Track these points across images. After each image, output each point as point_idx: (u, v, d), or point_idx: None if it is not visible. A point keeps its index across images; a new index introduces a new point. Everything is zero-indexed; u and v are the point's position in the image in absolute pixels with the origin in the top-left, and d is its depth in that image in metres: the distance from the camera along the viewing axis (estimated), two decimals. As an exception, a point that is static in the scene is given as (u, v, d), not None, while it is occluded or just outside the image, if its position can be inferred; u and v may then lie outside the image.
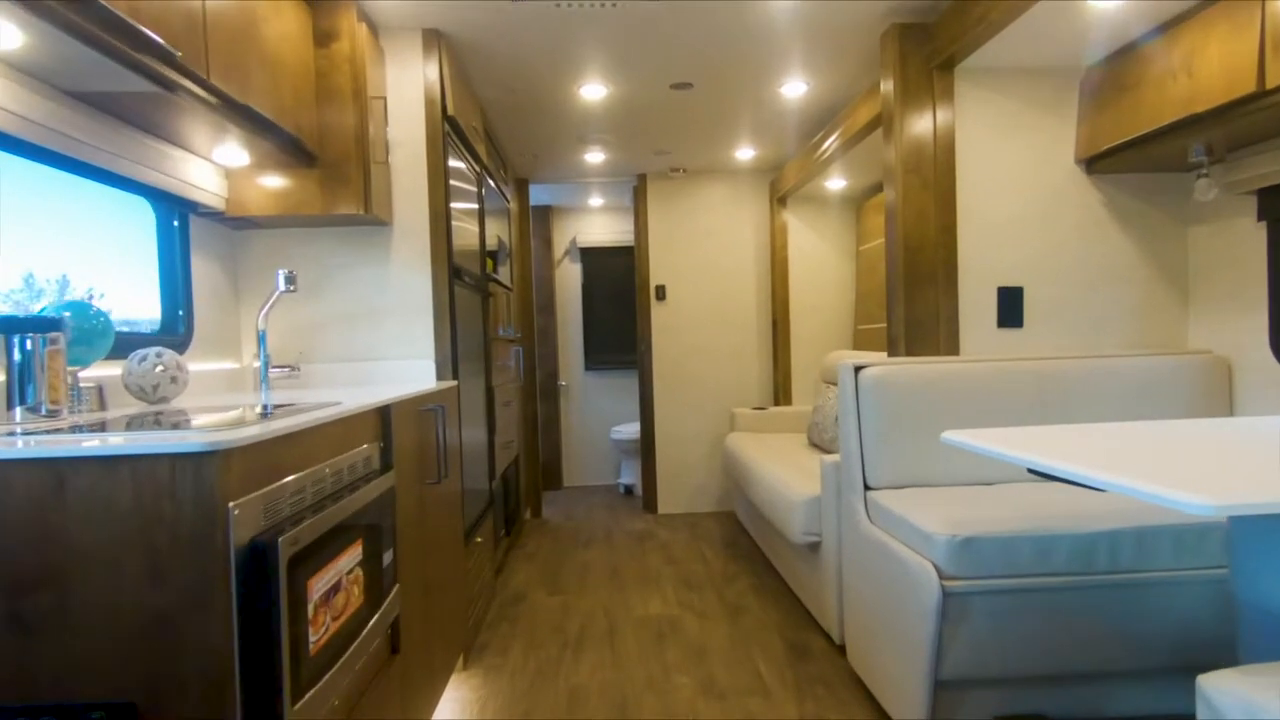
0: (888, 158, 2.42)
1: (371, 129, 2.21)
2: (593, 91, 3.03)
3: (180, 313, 2.06)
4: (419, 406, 1.94)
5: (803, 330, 4.50)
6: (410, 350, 2.42)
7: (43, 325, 1.31)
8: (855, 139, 3.12)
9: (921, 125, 2.35)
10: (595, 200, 5.36)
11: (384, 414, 1.66)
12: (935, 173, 2.34)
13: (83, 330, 1.48)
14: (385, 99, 2.30)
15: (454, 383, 2.39)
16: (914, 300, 2.35)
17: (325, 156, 2.15)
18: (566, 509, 4.85)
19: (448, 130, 2.48)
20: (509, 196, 4.02)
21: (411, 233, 2.41)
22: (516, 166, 4.29)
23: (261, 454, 1.05)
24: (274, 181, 2.15)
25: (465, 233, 2.78)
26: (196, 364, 2.09)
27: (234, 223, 2.28)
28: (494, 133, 3.55)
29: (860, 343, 4.25)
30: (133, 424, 1.23)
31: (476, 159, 3.00)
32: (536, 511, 4.65)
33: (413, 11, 2.29)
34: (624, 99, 3.15)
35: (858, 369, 2.24)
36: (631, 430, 5.05)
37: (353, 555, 1.34)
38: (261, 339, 2.22)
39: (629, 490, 5.27)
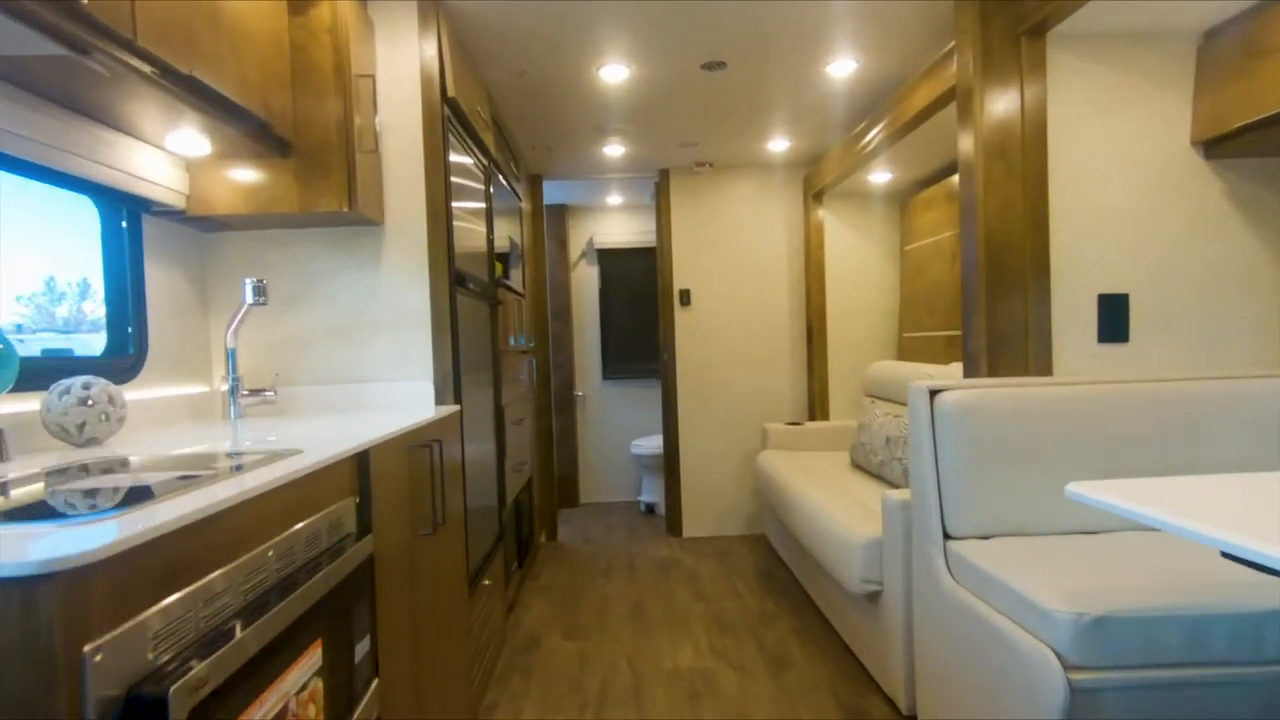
0: (964, 143, 2.05)
1: (357, 113, 1.88)
2: (613, 73, 2.69)
3: (130, 330, 1.74)
4: (411, 443, 1.60)
5: (841, 338, 4.13)
6: (405, 370, 2.08)
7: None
8: (907, 126, 2.75)
9: (1006, 103, 1.98)
10: (614, 198, 5.02)
11: (361, 462, 1.32)
12: (1023, 159, 1.97)
13: (-27, 361, 1.16)
14: (374, 77, 1.97)
15: (455, 408, 2.06)
16: (997, 310, 1.98)
17: (302, 145, 1.82)
18: (584, 530, 4.51)
19: (448, 115, 2.15)
20: (520, 194, 3.69)
21: (406, 233, 2.08)
22: (529, 162, 3.96)
23: (149, 559, 0.72)
24: (243, 175, 1.82)
25: (471, 234, 2.45)
26: (151, 390, 1.77)
27: (200, 224, 1.96)
28: (503, 123, 3.22)
29: (907, 352, 3.87)
30: None
31: (483, 150, 2.67)
32: (552, 534, 4.31)
33: (406, -25, 1.96)
34: (648, 81, 2.80)
35: (933, 392, 1.88)
36: (653, 444, 4.70)
37: (307, 664, 1.00)
38: (230, 359, 1.90)
39: (650, 509, 4.92)
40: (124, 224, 1.73)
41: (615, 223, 5.26)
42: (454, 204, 2.19)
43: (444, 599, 1.82)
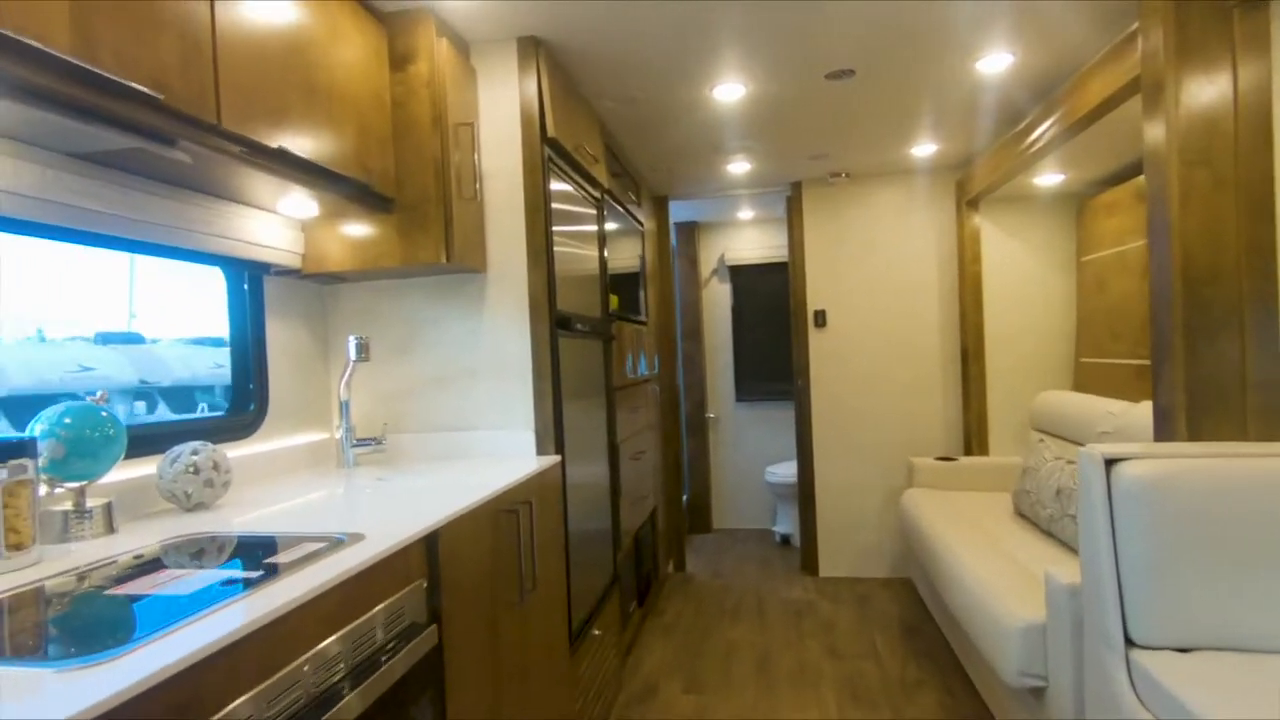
0: (1152, 144, 1.66)
1: (457, 161, 1.86)
2: (728, 92, 2.51)
3: (251, 387, 1.83)
4: (500, 507, 1.54)
5: (1002, 362, 3.64)
6: (507, 418, 2.04)
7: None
8: (1082, 123, 2.32)
9: (1211, 92, 1.57)
10: (745, 213, 4.81)
11: (430, 544, 1.26)
12: (1236, 164, 1.55)
13: (83, 441, 1.23)
14: (473, 125, 1.95)
15: (556, 459, 1.99)
16: (1201, 355, 1.57)
17: (403, 199, 1.83)
18: (715, 561, 4.33)
19: (549, 155, 2.09)
20: (642, 218, 3.60)
21: (507, 279, 2.04)
22: (652, 184, 3.87)
23: (151, 703, 0.67)
24: (351, 231, 1.86)
25: (581, 271, 2.38)
26: (271, 443, 1.85)
27: (318, 278, 2.04)
28: (620, 149, 3.14)
29: (1084, 380, 3.32)
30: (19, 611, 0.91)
31: (593, 183, 2.60)
32: (680, 564, 4.18)
33: (506, 17, 1.92)
34: (767, 98, 2.59)
35: (1110, 462, 1.52)
36: (788, 471, 4.43)
37: (345, 786, 0.94)
38: (344, 410, 1.95)
39: (785, 540, 4.65)
40: (245, 286, 1.82)
41: (747, 238, 5.05)
42: (561, 243, 2.13)
43: (539, 664, 1.75)
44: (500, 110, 2.03)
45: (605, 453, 2.62)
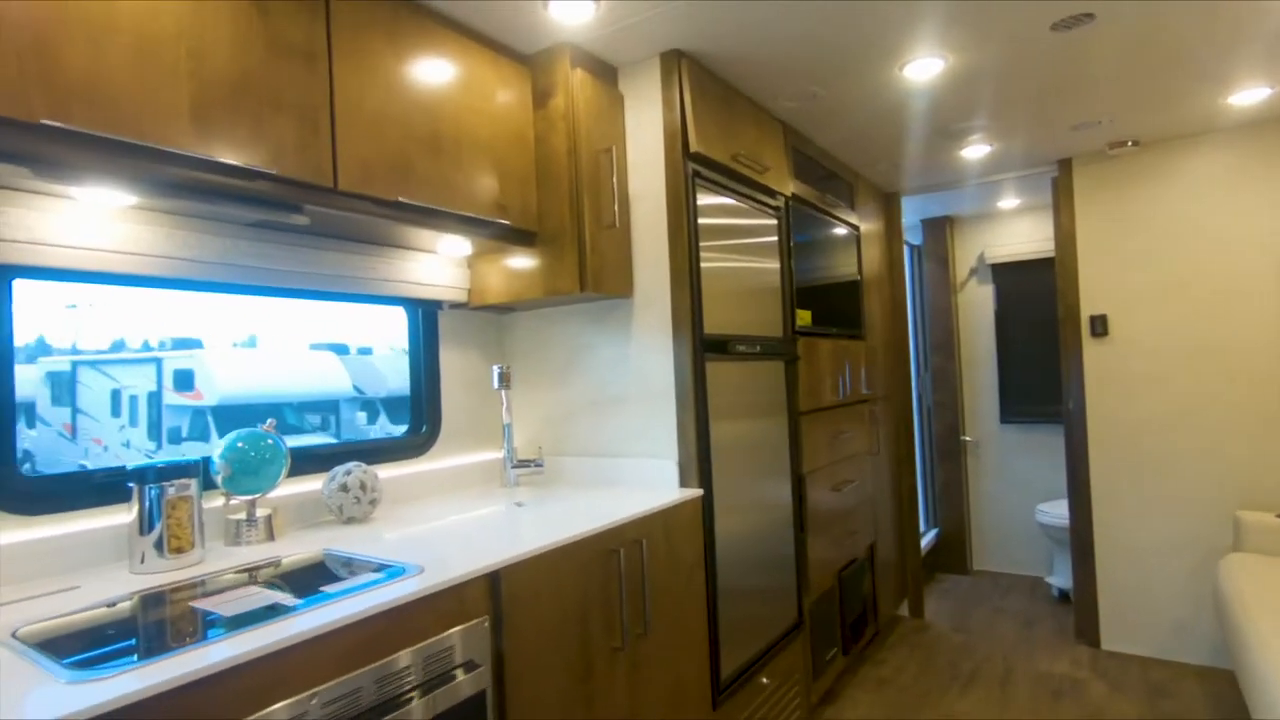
0: None
1: (590, 191, 1.87)
2: (922, 69, 2.14)
3: (425, 410, 2.05)
4: (606, 545, 1.49)
5: (1400, 384, 2.53)
6: (651, 446, 1.99)
7: (167, 473, 1.30)
8: None
9: None
10: (1007, 201, 4.07)
11: (493, 583, 1.26)
12: None
13: (250, 460, 1.48)
14: (613, 150, 1.93)
15: (695, 493, 1.87)
16: None
17: (544, 231, 1.89)
18: (963, 610, 3.73)
19: (696, 171, 1.98)
20: (858, 220, 3.25)
21: (651, 303, 1.98)
22: (875, 181, 3.47)
23: (153, 713, 0.76)
24: (505, 265, 1.98)
25: (751, 285, 2.22)
26: (442, 461, 2.05)
27: (488, 309, 2.21)
28: (816, 150, 2.87)
29: None
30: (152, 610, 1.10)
31: (765, 191, 2.40)
32: (917, 608, 3.68)
33: (649, 34, 1.87)
34: (972, 68, 2.15)
35: None
36: (1066, 511, 3.63)
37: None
38: (506, 433, 2.08)
39: (1065, 596, 3.81)
40: (420, 322, 2.05)
41: (1013, 230, 4.27)
42: (721, 260, 2.02)
43: (662, 710, 1.65)
44: (645, 131, 1.99)
45: (788, 482, 2.41)
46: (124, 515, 1.35)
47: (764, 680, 2.17)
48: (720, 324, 2.05)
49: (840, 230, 3.02)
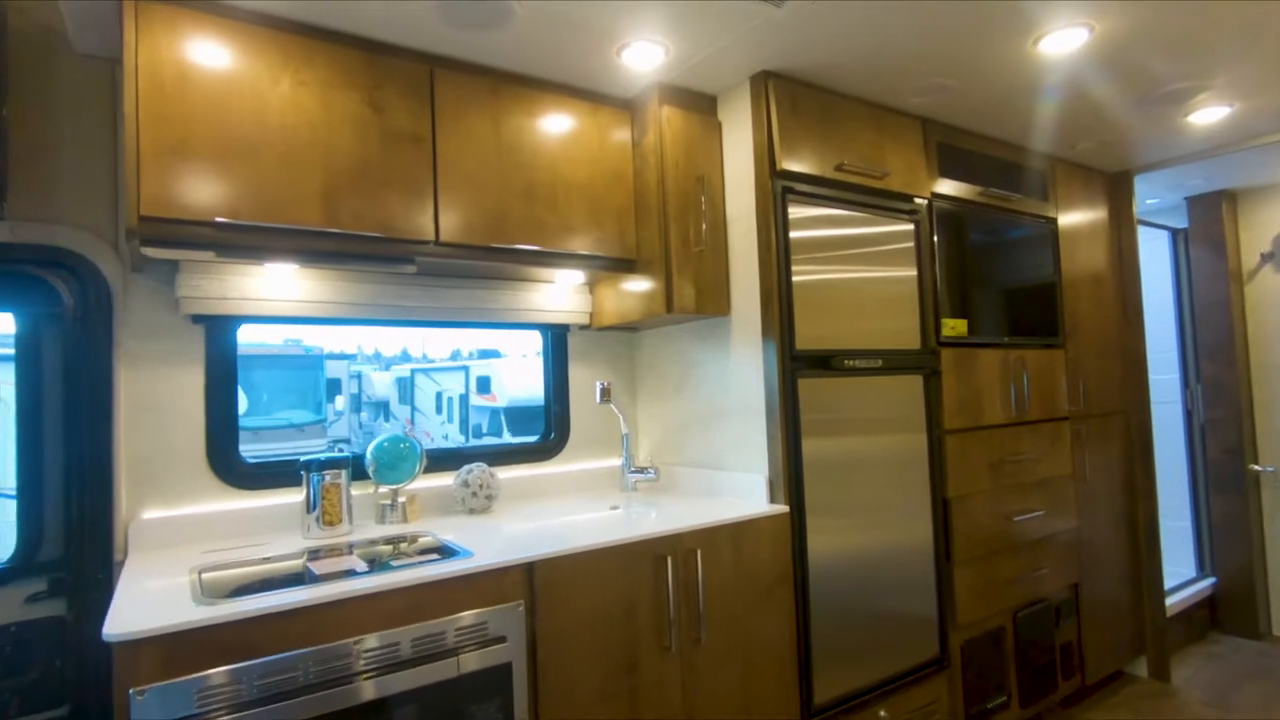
0: None
1: (678, 218, 1.99)
2: (1062, 42, 1.86)
3: (554, 418, 2.34)
4: (656, 550, 1.62)
5: None
6: (744, 460, 2.03)
7: (325, 465, 1.74)
8: None
9: None
10: (1309, 165, 3.16)
11: (529, 573, 1.47)
12: None
13: (391, 455, 1.89)
14: (702, 178, 2.02)
15: (782, 509, 1.88)
16: None
17: (641, 259, 2.06)
18: (1232, 680, 2.99)
19: (787, 187, 1.98)
20: (1054, 212, 2.82)
21: (746, 322, 2.03)
22: (1086, 162, 2.97)
23: (210, 636, 1.13)
24: (618, 290, 2.19)
25: (878, 295, 2.14)
26: (568, 465, 2.32)
27: (613, 330, 2.42)
28: (985, 138, 2.59)
29: None
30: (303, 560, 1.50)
31: (891, 197, 2.26)
32: (1160, 669, 3.04)
33: (735, 58, 1.92)
34: (1139, 28, 1.80)
35: None
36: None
37: (377, 741, 1.26)
38: (624, 442, 2.29)
39: (1403, 685, 2.84)
40: (550, 343, 2.34)
41: (1326, 200, 3.30)
42: (833, 271, 2.00)
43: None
44: (739, 155, 2.05)
45: (926, 507, 2.24)
46: (300, 495, 1.84)
47: (881, 714, 2.06)
48: (823, 338, 2.02)
49: (1026, 226, 2.67)
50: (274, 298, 1.80)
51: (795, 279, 1.98)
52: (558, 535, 1.64)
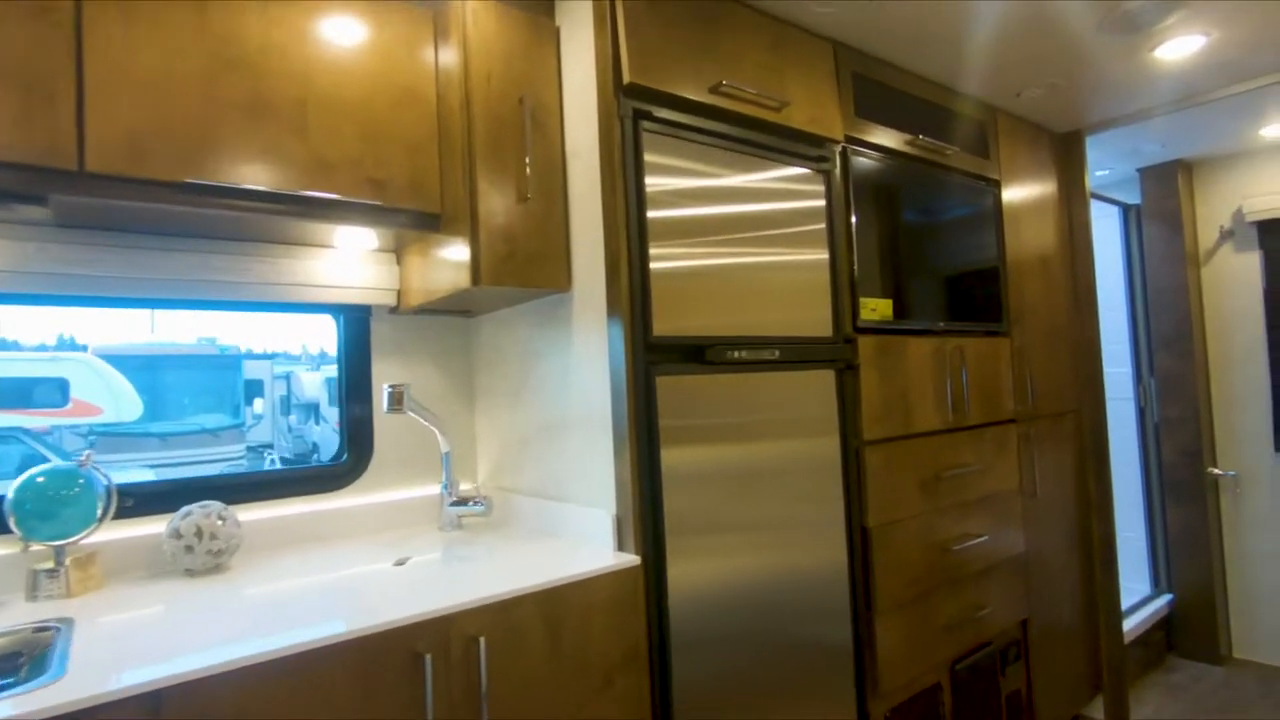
0: None
1: (502, 151, 1.42)
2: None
3: (349, 434, 1.74)
4: (402, 646, 1.05)
5: None
6: (588, 491, 1.47)
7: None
8: None
9: None
10: (1274, 128, 2.79)
11: (153, 709, 0.88)
12: None
13: (44, 500, 1.26)
14: (523, 99, 1.46)
15: (630, 561, 1.33)
16: None
17: (446, 211, 1.48)
18: (1199, 715, 2.58)
19: (641, 112, 1.43)
20: (997, 173, 2.36)
21: (589, 299, 1.47)
22: (1031, 117, 2.52)
23: None
24: (426, 257, 1.60)
25: (776, 266, 1.61)
26: (376, 494, 1.73)
27: (462, 314, 1.85)
28: (912, 75, 2.09)
29: None
30: None
31: (794, 136, 1.73)
32: (1118, 710, 2.61)
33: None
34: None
35: None
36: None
37: None
38: (445, 463, 1.71)
39: (1386, 722, 2.47)
40: (343, 330, 1.74)
41: (1291, 170, 2.94)
42: (705, 240, 1.45)
43: None
44: (580, 69, 1.49)
45: (841, 540, 1.72)
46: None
47: (779, 824, 1.53)
48: (695, 322, 1.47)
49: (962, 187, 2.19)
50: None
51: (655, 242, 1.42)
52: (285, 616, 1.05)
